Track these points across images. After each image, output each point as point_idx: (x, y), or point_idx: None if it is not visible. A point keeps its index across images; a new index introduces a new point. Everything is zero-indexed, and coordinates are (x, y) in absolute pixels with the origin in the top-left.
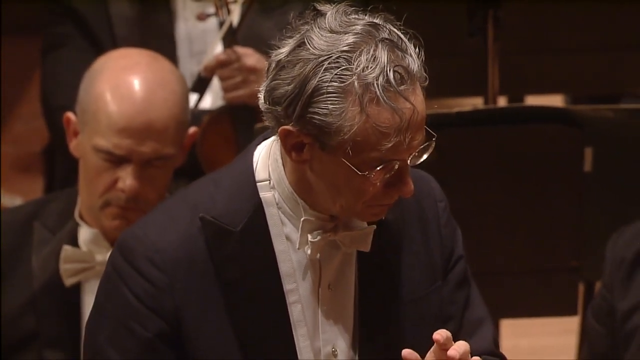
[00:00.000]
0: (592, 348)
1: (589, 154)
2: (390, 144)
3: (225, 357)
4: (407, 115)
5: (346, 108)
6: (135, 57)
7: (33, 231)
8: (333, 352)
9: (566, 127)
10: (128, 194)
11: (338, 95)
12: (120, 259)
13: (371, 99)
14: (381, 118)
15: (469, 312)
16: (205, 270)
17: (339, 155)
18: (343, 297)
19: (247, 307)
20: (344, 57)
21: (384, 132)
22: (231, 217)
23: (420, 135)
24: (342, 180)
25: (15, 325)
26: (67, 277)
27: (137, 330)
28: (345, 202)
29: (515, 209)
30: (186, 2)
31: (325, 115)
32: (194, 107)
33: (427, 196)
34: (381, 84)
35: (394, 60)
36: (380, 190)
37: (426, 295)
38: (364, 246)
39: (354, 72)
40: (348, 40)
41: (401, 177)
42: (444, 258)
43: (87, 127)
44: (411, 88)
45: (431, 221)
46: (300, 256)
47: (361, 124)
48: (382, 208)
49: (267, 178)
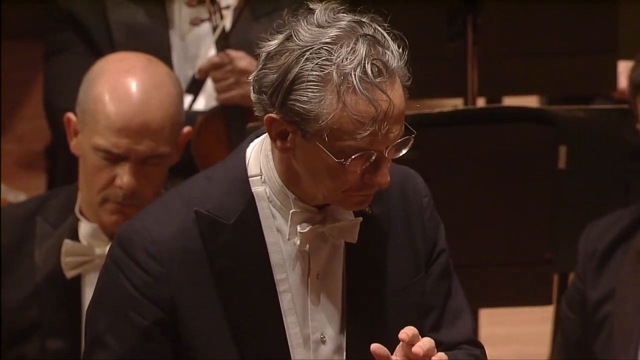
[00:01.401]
0: (565, 335)
1: (563, 151)
2: (365, 133)
3: (218, 344)
4: (383, 107)
5: (325, 96)
6: (132, 60)
7: (35, 226)
8: (322, 339)
9: (541, 126)
10: (125, 191)
11: (317, 84)
12: (119, 250)
13: (348, 89)
14: (357, 107)
15: (450, 303)
16: (199, 261)
17: (318, 143)
18: (331, 286)
19: (239, 295)
20: (325, 48)
21: (359, 121)
22: (224, 211)
23: (397, 128)
24: (322, 168)
25: (19, 315)
26: (68, 270)
27: (135, 319)
28: (327, 190)
29: (493, 204)
30: (181, 8)
31: (305, 102)
32: (189, 108)
33: (412, 192)
34: (358, 74)
35: (374, 55)
36: (358, 179)
37: (409, 285)
38: (350, 237)
39: (333, 63)
40: (331, 34)
41: (378, 168)
42: (427, 251)
43: (86, 127)
44: (389, 82)
45: (416, 216)
46: (290, 247)
47: (338, 112)
48: (364, 197)
49: (259, 173)
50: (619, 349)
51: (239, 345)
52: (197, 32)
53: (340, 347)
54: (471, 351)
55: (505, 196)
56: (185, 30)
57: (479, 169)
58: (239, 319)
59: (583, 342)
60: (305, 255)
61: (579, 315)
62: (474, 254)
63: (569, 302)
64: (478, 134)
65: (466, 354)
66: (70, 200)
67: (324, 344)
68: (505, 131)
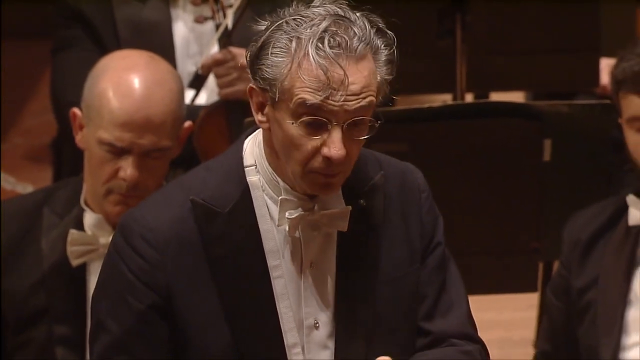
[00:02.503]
0: (550, 321)
1: (548, 145)
2: (317, 98)
3: (213, 328)
4: (335, 78)
5: (284, 61)
6: (135, 58)
7: (43, 216)
8: (315, 324)
9: (527, 120)
10: (129, 183)
11: (281, 50)
12: (120, 238)
13: (305, 55)
14: (309, 72)
15: (444, 295)
16: (195, 248)
17: (282, 110)
18: (324, 274)
19: (234, 281)
20: (296, 21)
21: (311, 85)
22: (220, 200)
23: (355, 102)
24: (286, 138)
25: (27, 302)
26: (74, 259)
27: (133, 303)
28: (293, 165)
29: (481, 196)
30: (185, 6)
31: (270, 67)
32: (191, 102)
33: (411, 187)
34: (315, 43)
35: (335, 30)
36: (314, 151)
37: (403, 275)
38: (341, 226)
39: (297, 32)
40: (308, 10)
41: (332, 139)
42: (424, 243)
43: (91, 122)
44: (346, 56)
45: (413, 210)
46: (284, 235)
47: (294, 76)
48: (327, 180)
49: (253, 163)
50: (602, 334)
51: (233, 329)
52: (200, 30)
53: (332, 332)
54: (464, 347)
55: (492, 188)
56: (189, 28)
57: (468, 162)
58: (233, 303)
59: (567, 327)
60: (298, 243)
61: (564, 302)
62: (463, 244)
63: (554, 290)
64: (466, 128)
65: (457, 350)
66: (75, 192)
67: (317, 329)
68: (492, 126)
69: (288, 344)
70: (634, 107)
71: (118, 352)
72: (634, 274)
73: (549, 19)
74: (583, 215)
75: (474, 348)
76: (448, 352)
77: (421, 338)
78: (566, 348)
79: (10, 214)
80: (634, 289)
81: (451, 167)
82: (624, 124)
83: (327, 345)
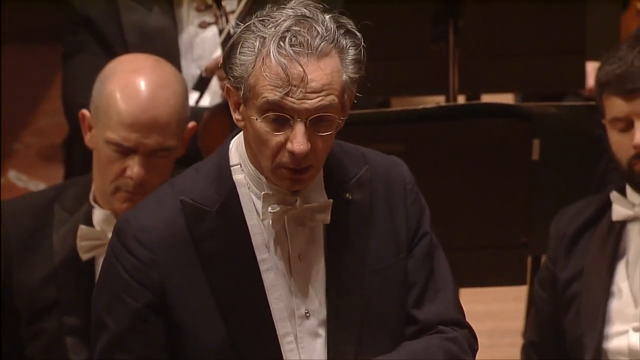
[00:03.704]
0: (538, 312)
1: (537, 144)
2: (278, 95)
3: (207, 322)
4: (295, 75)
5: (250, 61)
6: (142, 61)
7: (53, 213)
8: (305, 314)
9: (516, 121)
10: (135, 181)
11: (247, 49)
12: (115, 239)
13: (267, 53)
14: (272, 71)
15: (432, 282)
16: (186, 246)
17: (249, 106)
18: (313, 266)
19: (225, 276)
20: (263, 22)
21: (272, 83)
22: (208, 199)
23: (316, 99)
24: (254, 133)
25: (39, 294)
26: (83, 253)
27: (128, 301)
28: (263, 160)
29: (473, 193)
30: (190, 12)
31: (239, 66)
32: (195, 104)
33: (396, 179)
34: (276, 41)
35: (297, 29)
36: (279, 146)
37: (390, 265)
38: (323, 218)
39: (261, 32)
40: (273, 12)
41: (295, 135)
42: (410, 234)
43: (99, 123)
44: (307, 55)
45: (399, 201)
46: (271, 229)
47: (257, 74)
48: (293, 175)
49: (238, 162)
50: (586, 324)
51: (227, 322)
52: (204, 35)
53: (323, 321)
54: (450, 334)
55: (483, 185)
56: (193, 33)
57: (460, 160)
58: (225, 297)
59: (554, 318)
60: (284, 236)
61: (550, 293)
62: (455, 238)
63: (541, 282)
64: (459, 128)
65: (442, 338)
66: (85, 189)
67: (308, 319)
68: (483, 126)
69: (280, 333)
70: (616, 108)
71: (117, 349)
72: (617, 267)
73: (538, 25)
74: (569, 211)
75: (460, 333)
76: (433, 340)
77: (410, 326)
78: (553, 337)
79: (23, 210)
80: (617, 281)
81: (444, 166)
82: (607, 124)
83: (318, 333)
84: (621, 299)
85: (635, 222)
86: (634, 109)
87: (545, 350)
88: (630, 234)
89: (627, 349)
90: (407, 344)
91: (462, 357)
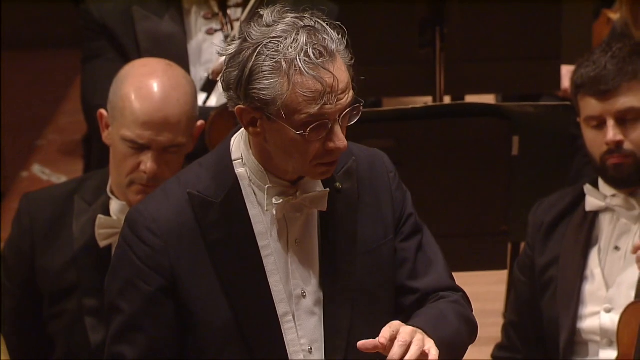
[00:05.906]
0: (517, 295)
1: (516, 141)
2: (317, 106)
3: (213, 304)
4: (329, 82)
5: (278, 81)
6: (154, 65)
7: (74, 203)
8: (302, 294)
9: (498, 119)
10: (149, 175)
11: (270, 72)
12: (127, 229)
13: (296, 72)
14: (306, 86)
15: (422, 255)
16: (194, 234)
17: (281, 122)
18: (308, 249)
19: (230, 262)
20: (273, 42)
21: (310, 97)
22: (213, 191)
23: (345, 97)
24: (289, 144)
25: (60, 278)
26: (101, 240)
27: (141, 286)
28: (296, 163)
29: (457, 185)
30: (198, 20)
31: (263, 89)
32: (203, 104)
33: (379, 169)
34: (302, 58)
35: (314, 41)
36: (320, 148)
37: (379, 247)
38: (321, 206)
39: (281, 52)
40: (277, 29)
41: (335, 134)
42: (396, 217)
43: (116, 121)
44: (330, 61)
45: (383, 188)
46: (270, 218)
47: (290, 92)
48: (328, 167)
49: (240, 157)
50: (561, 306)
51: (231, 304)
52: (211, 41)
53: (319, 300)
54: (451, 297)
55: (467, 178)
56: (201, 39)
57: (446, 155)
58: (230, 281)
59: (532, 300)
60: (283, 223)
61: (529, 278)
62: (441, 226)
63: (520, 267)
64: (445, 126)
65: (448, 302)
66: (103, 182)
67: (305, 298)
68: (467, 124)
69: (280, 313)
70: (591, 107)
71: (131, 330)
72: (590, 253)
73: (517, 32)
74: (546, 202)
75: (459, 296)
76: (441, 305)
77: (409, 296)
78: (531, 318)
79: (46, 201)
80: (590, 267)
81: (431, 160)
82: (582, 123)
83: (314, 311)
84: (594, 283)
85: (607, 212)
86: (607, 108)
87: (523, 330)
88: (602, 223)
89: (599, 328)
90: (420, 312)
91: (469, 315)
